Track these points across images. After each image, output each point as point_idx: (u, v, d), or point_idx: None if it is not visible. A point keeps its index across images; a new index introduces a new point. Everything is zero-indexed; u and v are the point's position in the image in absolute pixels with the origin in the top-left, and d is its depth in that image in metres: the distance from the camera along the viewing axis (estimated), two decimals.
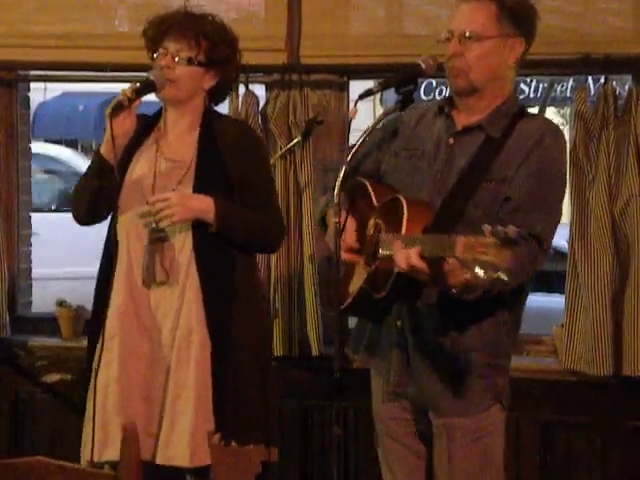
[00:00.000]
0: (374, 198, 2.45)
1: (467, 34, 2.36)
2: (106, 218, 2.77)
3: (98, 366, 2.63)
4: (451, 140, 2.43)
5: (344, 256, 2.37)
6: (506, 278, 1.95)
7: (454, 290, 2.16)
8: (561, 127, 2.71)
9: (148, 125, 2.77)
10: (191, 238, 2.65)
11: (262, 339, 2.81)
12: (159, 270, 2.63)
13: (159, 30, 2.71)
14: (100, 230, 2.84)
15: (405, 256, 2.14)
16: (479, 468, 2.46)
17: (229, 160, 2.70)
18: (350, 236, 2.43)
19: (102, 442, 2.62)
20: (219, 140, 2.71)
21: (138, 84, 2.62)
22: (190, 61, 2.68)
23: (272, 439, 2.75)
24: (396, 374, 2.50)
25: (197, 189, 2.65)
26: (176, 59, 2.67)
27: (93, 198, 2.67)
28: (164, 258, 2.64)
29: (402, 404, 2.54)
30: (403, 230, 2.27)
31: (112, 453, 2.55)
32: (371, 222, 2.44)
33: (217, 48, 2.72)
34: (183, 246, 2.65)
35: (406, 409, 2.54)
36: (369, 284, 2.38)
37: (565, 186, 2.42)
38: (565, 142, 2.45)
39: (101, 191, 2.65)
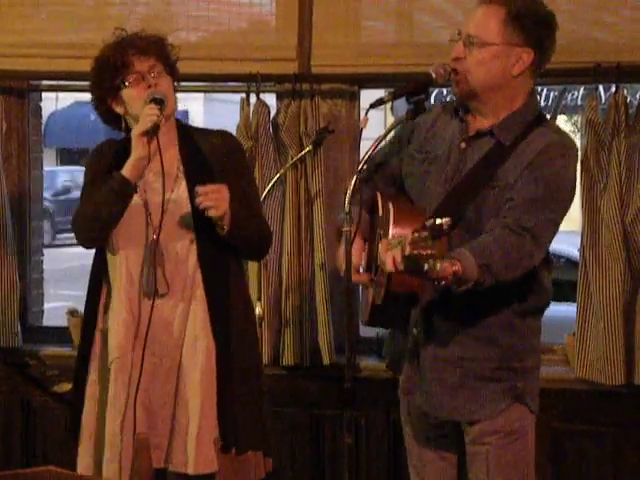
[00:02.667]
0: (380, 208, 2.47)
1: (471, 39, 2.36)
2: None
3: (99, 384, 2.66)
4: (463, 145, 2.43)
5: (353, 279, 2.37)
6: (438, 267, 2.00)
7: (444, 283, 2.13)
8: (572, 135, 2.68)
9: (123, 147, 2.70)
10: (195, 248, 2.65)
11: (256, 345, 2.84)
12: (161, 282, 2.63)
13: (123, 56, 2.63)
14: None
15: (390, 258, 2.13)
16: (508, 470, 2.44)
17: (214, 166, 2.69)
18: (357, 256, 2.43)
19: (109, 460, 2.62)
20: (203, 149, 2.70)
21: (154, 105, 2.57)
22: (167, 72, 2.66)
23: (268, 448, 2.76)
24: (405, 381, 2.52)
25: (191, 191, 2.61)
26: (152, 75, 2.63)
27: (114, 221, 2.64)
28: (165, 270, 2.64)
29: (419, 410, 2.53)
30: (390, 234, 2.27)
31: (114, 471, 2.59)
32: (377, 233, 2.45)
33: (170, 55, 2.71)
34: (187, 256, 2.65)
35: (431, 416, 2.52)
36: (375, 295, 2.39)
37: (570, 197, 2.38)
38: (575, 155, 2.42)
39: (122, 214, 2.64)
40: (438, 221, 1.96)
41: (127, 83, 2.63)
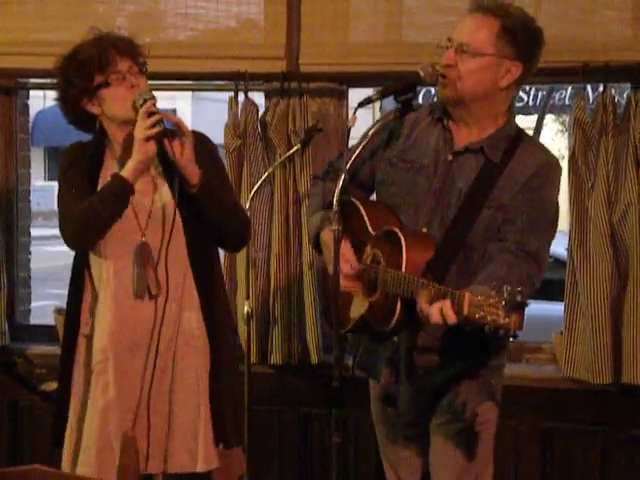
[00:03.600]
0: (369, 224, 2.47)
1: (464, 47, 2.36)
2: None
3: (86, 389, 2.66)
4: (450, 157, 2.44)
5: (343, 283, 2.36)
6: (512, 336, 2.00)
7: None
8: (560, 134, 2.71)
9: (97, 149, 2.71)
10: (185, 249, 2.65)
11: (234, 341, 2.88)
12: (152, 282, 2.62)
13: (106, 55, 2.61)
14: None
15: (438, 312, 2.13)
16: (468, 462, 2.50)
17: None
18: (346, 263, 2.43)
19: (101, 466, 2.62)
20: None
21: (146, 107, 2.57)
22: (141, 72, 2.65)
23: (243, 443, 2.85)
24: (385, 387, 2.56)
25: (172, 186, 2.62)
26: (135, 74, 2.62)
27: (113, 223, 2.61)
28: (156, 271, 2.63)
29: (394, 411, 2.58)
30: (403, 268, 2.30)
31: (110, 476, 2.57)
32: (368, 250, 2.45)
33: (141, 55, 2.69)
34: (177, 257, 2.64)
35: (401, 414, 2.57)
36: (370, 314, 2.42)
37: (558, 216, 2.45)
38: (560, 174, 2.48)
39: (120, 215, 2.62)
40: (519, 298, 1.97)
41: (110, 82, 2.60)
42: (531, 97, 13.77)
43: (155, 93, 2.66)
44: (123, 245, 2.63)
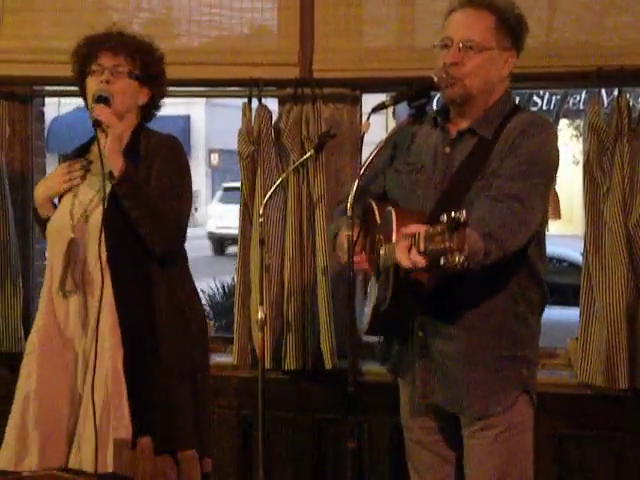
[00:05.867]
0: (377, 216, 2.49)
1: (468, 43, 2.39)
2: None
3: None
4: (447, 149, 2.47)
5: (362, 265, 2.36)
6: (463, 260, 1.96)
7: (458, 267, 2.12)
8: (574, 139, 2.72)
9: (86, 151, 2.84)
10: (105, 250, 2.65)
11: (189, 350, 2.78)
12: (69, 280, 2.69)
13: (94, 48, 2.76)
14: None
15: (405, 255, 2.12)
16: (508, 465, 2.47)
17: (143, 170, 2.72)
18: (356, 256, 2.45)
19: (19, 453, 2.67)
20: (142, 152, 2.75)
21: (100, 104, 2.68)
22: (130, 74, 2.74)
23: (205, 448, 2.78)
24: (421, 384, 2.52)
25: (111, 198, 2.67)
26: (115, 73, 2.73)
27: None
28: (75, 269, 2.69)
29: (429, 414, 2.57)
30: (393, 238, 2.29)
31: (29, 464, 2.64)
32: (376, 240, 2.47)
33: (151, 63, 2.79)
34: (98, 258, 2.65)
35: (432, 419, 2.57)
36: (378, 299, 2.41)
37: (554, 166, 2.42)
38: (553, 130, 2.47)
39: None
40: (454, 214, 1.94)
41: (89, 73, 2.75)
42: (545, 102, 13.73)
43: (169, 99, 2.70)
44: (58, 241, 2.73)
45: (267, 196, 3.53)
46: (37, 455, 2.65)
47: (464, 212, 1.94)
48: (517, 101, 2.60)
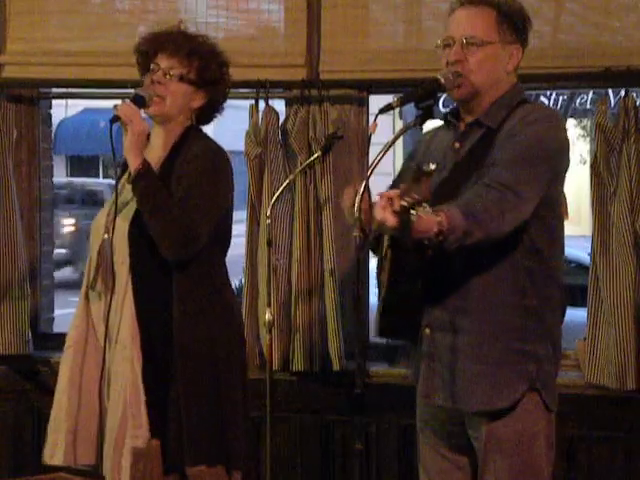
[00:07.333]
0: None
1: (469, 39, 2.40)
2: None
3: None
4: (457, 145, 2.48)
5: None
6: (428, 207, 2.00)
7: (434, 235, 2.13)
8: (581, 139, 2.71)
9: None
10: (128, 256, 2.65)
11: (216, 357, 2.70)
12: (99, 280, 2.71)
13: (152, 46, 2.76)
14: None
15: (382, 211, 2.11)
16: (520, 475, 2.44)
17: (179, 172, 2.69)
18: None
19: (52, 447, 2.75)
20: (185, 154, 2.71)
21: (127, 100, 2.68)
22: (182, 78, 2.71)
23: (232, 461, 2.68)
24: (423, 383, 2.51)
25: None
26: (167, 76, 2.70)
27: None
28: (106, 270, 2.69)
29: (438, 416, 2.54)
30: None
31: (57, 459, 2.71)
32: None
33: (208, 68, 2.75)
34: (123, 262, 2.66)
35: (444, 423, 2.53)
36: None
37: (557, 155, 2.40)
38: (559, 119, 2.47)
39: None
40: (421, 166, 1.97)
41: (148, 70, 2.75)
42: (552, 102, 13.72)
43: None
44: (96, 240, 2.74)
45: (274, 197, 3.54)
46: (63, 450, 2.70)
47: (431, 164, 1.97)
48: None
